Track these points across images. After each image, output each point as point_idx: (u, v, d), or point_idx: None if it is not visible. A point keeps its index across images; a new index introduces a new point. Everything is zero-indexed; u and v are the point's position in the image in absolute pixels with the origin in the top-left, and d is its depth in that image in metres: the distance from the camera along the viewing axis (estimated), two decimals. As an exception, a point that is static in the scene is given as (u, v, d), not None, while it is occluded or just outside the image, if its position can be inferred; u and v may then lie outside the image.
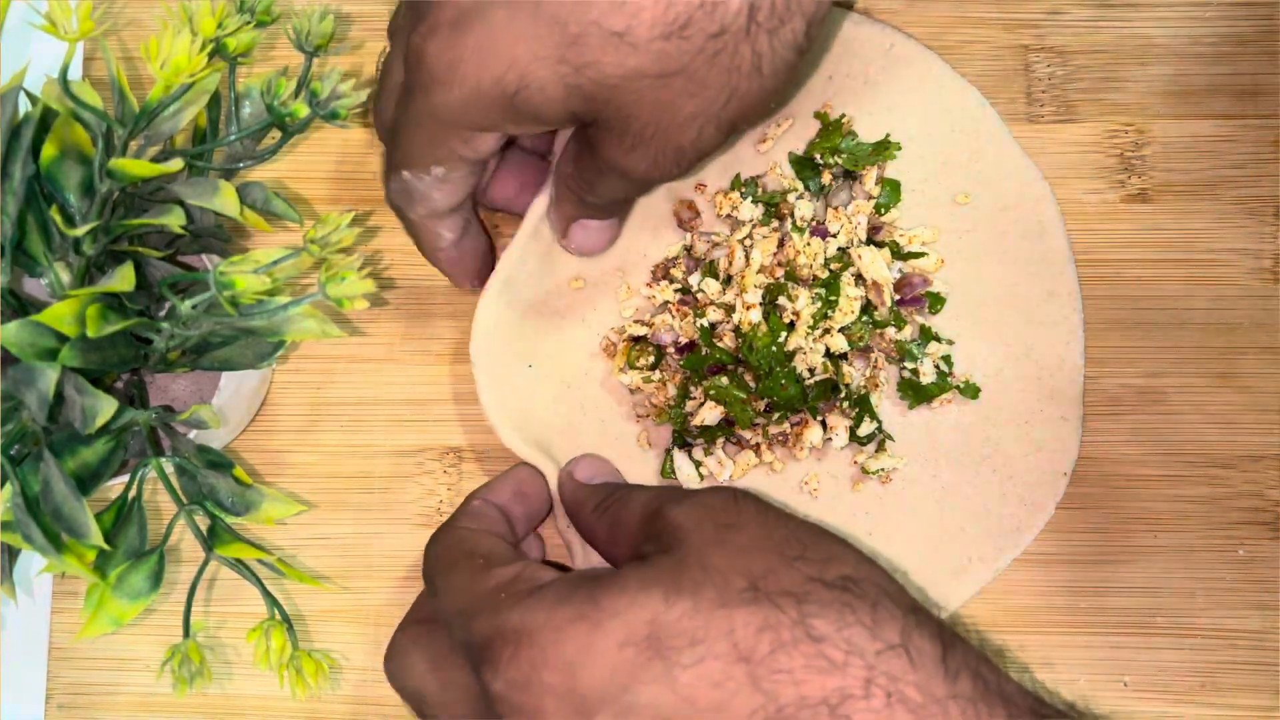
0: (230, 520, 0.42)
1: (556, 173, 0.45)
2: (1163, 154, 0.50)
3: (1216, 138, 0.50)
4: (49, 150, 0.39)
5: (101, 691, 0.48)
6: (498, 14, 0.38)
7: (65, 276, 0.40)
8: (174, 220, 0.40)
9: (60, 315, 0.36)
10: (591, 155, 0.42)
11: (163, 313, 0.41)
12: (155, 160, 0.40)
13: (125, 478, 0.43)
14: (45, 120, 0.40)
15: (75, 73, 0.50)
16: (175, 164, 0.38)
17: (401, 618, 0.40)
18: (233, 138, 0.43)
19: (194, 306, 0.38)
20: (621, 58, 0.37)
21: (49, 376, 0.37)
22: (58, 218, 0.38)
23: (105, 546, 0.39)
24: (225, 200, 0.40)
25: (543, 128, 0.40)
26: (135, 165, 0.38)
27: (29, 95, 0.41)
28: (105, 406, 0.37)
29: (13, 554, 0.41)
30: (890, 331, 0.48)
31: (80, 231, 0.38)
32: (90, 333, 0.36)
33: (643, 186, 0.44)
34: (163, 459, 0.42)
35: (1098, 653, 0.47)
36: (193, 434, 0.43)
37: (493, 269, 0.47)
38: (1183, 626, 0.47)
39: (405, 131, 0.42)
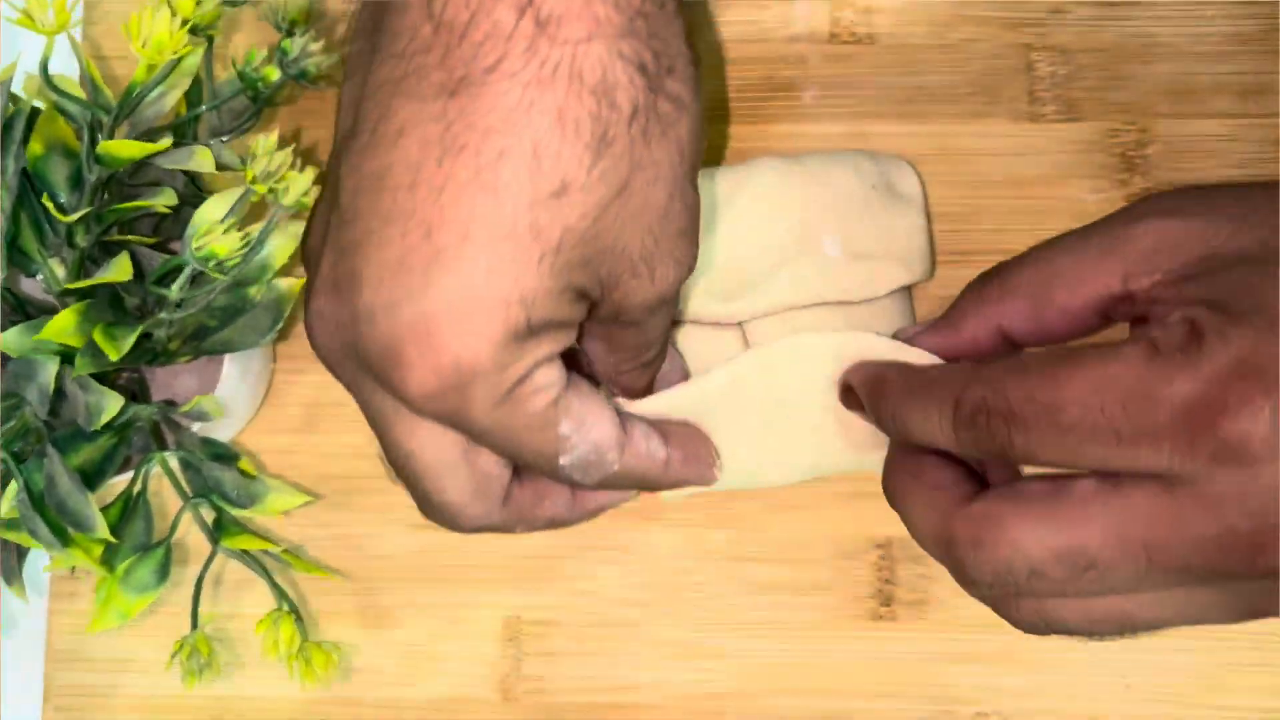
0: (236, 513, 0.42)
1: (604, 382, 0.42)
2: (1165, 153, 0.50)
3: (1219, 136, 0.50)
4: (35, 148, 0.39)
5: (100, 693, 0.47)
6: (446, 269, 0.33)
7: (60, 272, 0.40)
8: (164, 201, 0.40)
9: (62, 328, 0.36)
10: (620, 328, 0.39)
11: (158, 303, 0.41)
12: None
13: (130, 474, 0.42)
14: (35, 116, 0.40)
15: (69, 69, 0.50)
16: (165, 141, 0.38)
17: (403, 618, 0.39)
18: (206, 107, 0.43)
19: (180, 287, 0.38)
20: (578, 205, 0.34)
21: (49, 369, 0.37)
22: (49, 204, 0.38)
23: (111, 539, 0.39)
24: (201, 159, 0.40)
25: (564, 339, 0.36)
26: (124, 146, 0.38)
27: (12, 96, 0.41)
28: (110, 403, 0.37)
29: (21, 553, 0.41)
30: None
31: (73, 218, 0.38)
32: (112, 357, 0.36)
33: (674, 303, 0.40)
34: (167, 453, 0.42)
35: (1098, 655, 0.47)
36: (196, 427, 0.43)
37: None
38: (1184, 628, 0.47)
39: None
